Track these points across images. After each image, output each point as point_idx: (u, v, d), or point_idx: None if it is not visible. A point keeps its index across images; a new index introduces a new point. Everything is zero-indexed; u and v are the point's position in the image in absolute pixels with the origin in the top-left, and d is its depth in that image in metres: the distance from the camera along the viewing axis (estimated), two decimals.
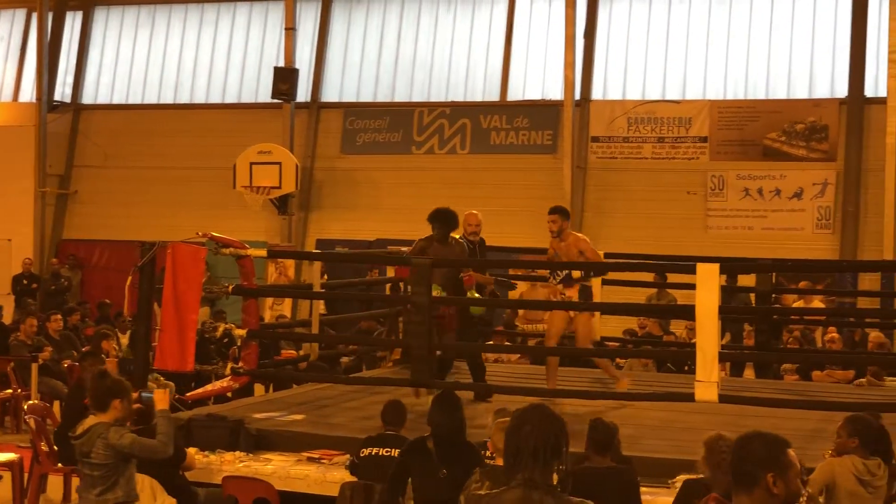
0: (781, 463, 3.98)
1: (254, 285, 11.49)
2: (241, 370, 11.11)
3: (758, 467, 3.97)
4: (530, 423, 4.25)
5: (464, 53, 22.85)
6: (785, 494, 3.95)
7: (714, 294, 9.54)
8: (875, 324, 15.57)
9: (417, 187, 21.92)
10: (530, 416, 4.28)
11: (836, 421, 7.58)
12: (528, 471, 4.17)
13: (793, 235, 19.94)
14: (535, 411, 4.32)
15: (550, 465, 4.18)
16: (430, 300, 10.68)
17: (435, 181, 21.83)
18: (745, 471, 4.01)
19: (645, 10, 21.72)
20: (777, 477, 3.95)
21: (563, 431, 4.28)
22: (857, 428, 7.31)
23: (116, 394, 7.39)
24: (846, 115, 19.95)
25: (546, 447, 4.18)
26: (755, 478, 3.97)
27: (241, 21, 24.52)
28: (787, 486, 3.95)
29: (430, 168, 22.21)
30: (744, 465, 4.03)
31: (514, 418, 4.33)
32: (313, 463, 9.09)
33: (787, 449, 4.05)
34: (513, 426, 4.29)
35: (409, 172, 22.30)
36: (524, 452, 4.18)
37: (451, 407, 7.53)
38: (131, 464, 7.45)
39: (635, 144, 21.23)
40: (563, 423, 4.31)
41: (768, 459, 3.98)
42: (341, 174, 22.96)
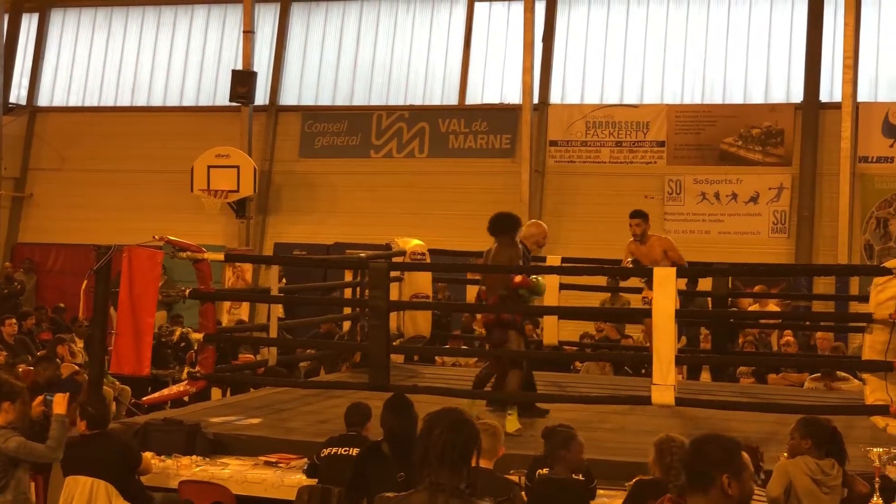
0: (736, 464, 4.02)
1: (211, 289, 11.44)
2: (197, 374, 11.06)
3: (713, 468, 4.01)
4: (440, 426, 4.31)
5: (422, 57, 22.85)
6: (739, 495, 3.99)
7: (670, 298, 9.60)
8: (829, 327, 15.72)
9: (376, 191, 21.92)
10: (440, 420, 4.34)
11: (791, 423, 7.64)
12: (434, 474, 4.22)
13: (749, 239, 20.08)
14: (445, 415, 4.39)
15: (458, 468, 4.25)
16: (388, 304, 10.68)
17: (393, 185, 21.84)
18: (701, 472, 4.04)
19: (603, 14, 21.82)
20: (732, 478, 3.99)
21: (475, 436, 4.35)
22: (810, 430, 7.38)
23: (6, 396, 7.32)
24: (801, 120, 20.11)
25: (454, 450, 4.25)
26: (710, 479, 4.00)
27: (199, 23, 24.40)
28: (741, 487, 4.00)
29: (389, 172, 22.20)
30: (699, 466, 4.06)
31: (424, 421, 4.40)
32: (270, 467, 9.07)
33: (742, 451, 4.09)
34: (423, 429, 4.36)
35: (368, 176, 22.27)
36: (431, 455, 4.24)
37: (403, 408, 7.52)
38: (20, 468, 7.37)
39: (593, 148, 21.31)
40: (474, 427, 4.38)
41: (723, 461, 4.02)
42: (299, 177, 22.90)
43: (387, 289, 10.61)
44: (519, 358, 10.80)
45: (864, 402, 9.56)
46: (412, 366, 14.43)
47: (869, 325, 9.46)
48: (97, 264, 10.28)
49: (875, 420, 9.25)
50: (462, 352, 15.94)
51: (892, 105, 19.79)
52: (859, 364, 10.22)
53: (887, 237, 19.54)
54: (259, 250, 22.51)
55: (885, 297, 9.23)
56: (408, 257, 13.93)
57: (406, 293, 13.88)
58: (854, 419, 9.85)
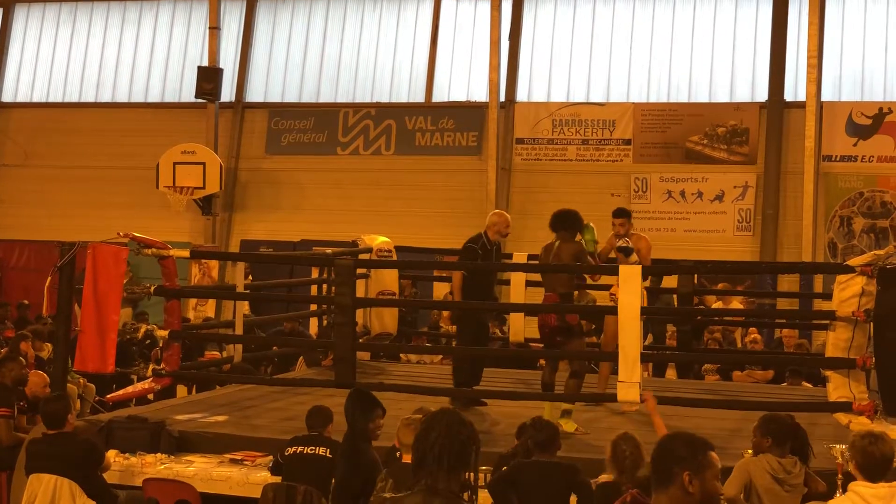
0: (699, 463, 4.01)
1: (176, 286, 11.39)
2: (162, 372, 11.01)
3: (675, 465, 4.01)
4: (437, 429, 4.26)
5: (389, 54, 22.83)
6: (700, 494, 3.99)
7: (636, 295, 9.63)
8: (794, 325, 15.82)
9: (342, 188, 21.89)
10: (438, 422, 4.29)
11: (755, 420, 7.69)
12: (431, 477, 4.18)
13: (714, 237, 20.19)
14: (443, 417, 4.33)
15: (456, 472, 4.20)
16: (354, 301, 10.67)
17: (360, 182, 21.82)
18: (663, 468, 4.05)
19: (569, 13, 21.87)
20: (693, 476, 3.98)
21: (472, 438, 4.30)
22: (769, 427, 7.42)
23: None
24: (766, 119, 20.23)
25: (451, 454, 4.20)
26: (672, 475, 4.01)
27: (165, 19, 24.27)
28: (702, 485, 3.99)
29: (355, 169, 22.17)
30: (663, 462, 4.07)
31: (422, 423, 4.34)
32: (236, 465, 9.05)
33: (709, 451, 4.08)
34: (421, 431, 4.30)
35: (334, 173, 22.24)
36: (428, 458, 4.18)
37: (365, 403, 7.58)
38: None
39: (560, 146, 21.36)
40: (472, 429, 4.32)
41: (686, 458, 4.02)
42: (266, 174, 22.84)
43: (353, 286, 10.60)
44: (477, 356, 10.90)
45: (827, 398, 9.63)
46: (379, 363, 14.42)
47: (832, 322, 9.52)
48: (61, 261, 10.21)
49: (838, 417, 9.31)
50: (429, 349, 15.95)
51: (856, 104, 19.95)
52: (823, 361, 10.28)
53: (851, 235, 19.70)
54: (225, 247, 22.43)
55: (847, 294, 9.29)
56: (374, 254, 13.92)
57: (372, 290, 13.88)
58: (818, 416, 9.92)
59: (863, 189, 19.73)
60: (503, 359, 14.05)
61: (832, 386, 9.50)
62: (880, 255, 9.46)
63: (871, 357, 9.18)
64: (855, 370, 9.31)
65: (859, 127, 19.82)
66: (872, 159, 19.74)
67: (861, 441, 6.25)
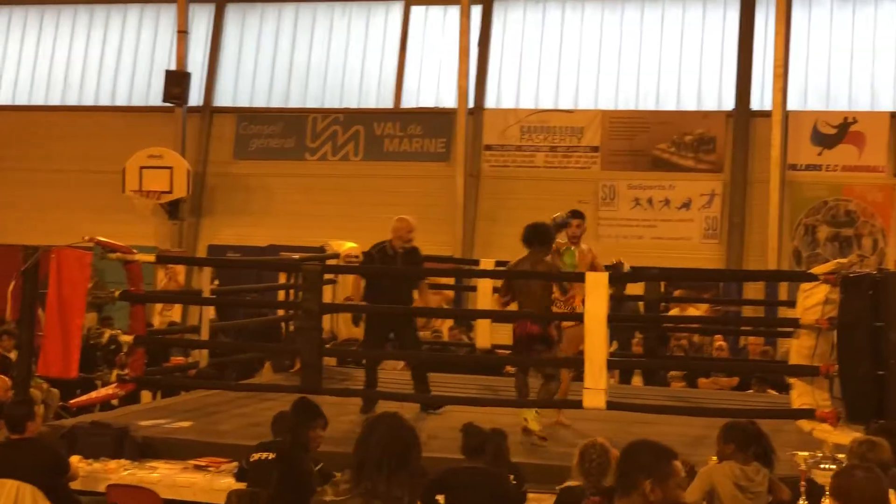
0: (662, 471, 4.04)
1: (141, 291, 11.34)
2: (126, 377, 10.95)
3: (638, 472, 4.04)
4: (377, 432, 4.24)
5: (358, 60, 22.81)
6: (662, 502, 4.01)
7: (602, 302, 9.66)
8: (759, 332, 15.91)
9: (310, 193, 21.84)
10: (378, 426, 4.28)
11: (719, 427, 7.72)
12: (370, 481, 4.17)
13: (681, 245, 20.27)
14: (384, 421, 4.32)
15: (396, 476, 4.17)
16: (321, 307, 10.66)
17: (328, 188, 21.77)
18: (627, 474, 4.08)
19: (538, 20, 21.92)
20: (655, 484, 4.01)
21: (413, 441, 4.28)
22: (731, 434, 7.46)
23: None
24: (733, 128, 20.34)
25: (391, 457, 4.18)
26: (634, 482, 4.03)
27: (133, 23, 24.16)
28: (664, 493, 4.01)
29: (323, 174, 22.12)
30: (626, 469, 4.10)
31: (363, 428, 4.32)
32: (200, 471, 9.01)
33: (672, 459, 4.10)
34: (361, 436, 4.28)
35: (302, 179, 22.18)
36: (369, 462, 4.17)
37: (308, 413, 7.58)
38: None
39: (528, 153, 21.40)
40: (413, 432, 4.31)
41: (650, 466, 4.04)
42: (234, 179, 22.77)
43: (320, 291, 10.59)
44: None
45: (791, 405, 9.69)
46: (345, 369, 14.39)
47: (796, 330, 9.59)
48: (25, 265, 10.15)
49: (801, 424, 9.37)
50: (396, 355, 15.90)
51: (821, 114, 20.08)
52: (786, 368, 10.34)
53: (815, 244, 19.82)
54: (192, 252, 22.32)
55: (811, 302, 9.36)
56: (342, 260, 13.90)
57: (340, 296, 13.84)
58: (781, 423, 9.98)
59: (827, 198, 19.86)
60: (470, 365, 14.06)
61: (796, 393, 9.57)
62: (844, 263, 9.55)
63: (835, 365, 9.25)
64: (818, 377, 9.39)
65: (824, 136, 19.96)
66: (837, 168, 19.89)
67: (860, 448, 6.31)
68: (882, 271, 9.43)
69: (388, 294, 11.23)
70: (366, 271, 11.47)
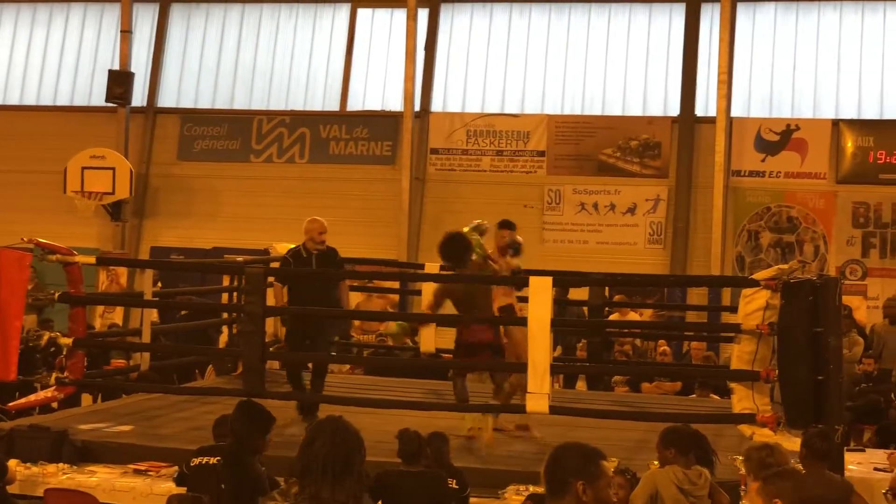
0: (591, 472, 4.07)
1: (81, 293, 11.21)
2: (66, 380, 10.82)
3: (569, 476, 4.05)
4: (322, 437, 4.22)
5: (304, 62, 22.73)
6: (594, 503, 4.04)
7: (546, 307, 9.67)
8: (701, 337, 16.02)
9: (255, 195, 21.72)
10: (323, 431, 4.25)
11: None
12: (315, 486, 4.15)
13: (626, 250, 20.37)
14: (328, 425, 4.30)
15: (341, 481, 4.16)
16: (265, 309, 10.59)
17: (273, 190, 21.67)
18: (557, 478, 4.09)
19: (485, 24, 21.96)
20: (587, 486, 4.03)
21: (358, 446, 4.27)
22: (670, 438, 7.50)
23: None
24: (678, 134, 20.48)
25: (336, 462, 4.16)
26: (566, 485, 4.05)
27: (75, 22, 23.92)
28: (595, 494, 4.04)
29: (269, 177, 22.02)
30: (556, 472, 4.11)
31: (307, 432, 4.30)
32: (140, 475, 8.93)
33: (601, 460, 4.13)
34: (305, 440, 4.26)
35: (248, 180, 22.06)
36: (313, 467, 4.15)
37: (250, 415, 7.48)
38: None
39: (474, 157, 21.42)
40: (358, 437, 4.29)
41: (579, 468, 4.07)
42: (177, 181, 22.59)
43: (263, 294, 10.52)
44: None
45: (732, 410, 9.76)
46: None
47: (737, 335, 9.66)
48: None
49: (742, 429, 9.44)
50: (339, 358, 15.85)
51: (765, 121, 20.28)
52: (728, 373, 10.41)
53: (758, 249, 20.00)
54: (135, 254, 22.13)
55: (752, 308, 9.43)
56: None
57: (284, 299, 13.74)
58: (722, 428, 10.04)
59: (770, 204, 20.05)
60: (414, 369, 14.03)
61: (736, 398, 9.63)
62: (784, 269, 9.63)
63: (775, 370, 9.33)
64: (759, 382, 9.46)
65: (767, 143, 20.15)
66: (780, 175, 20.08)
67: (758, 453, 6.35)
68: (822, 277, 9.51)
69: (308, 298, 11.00)
70: (308, 274, 11.38)
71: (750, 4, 20.73)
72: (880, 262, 19.52)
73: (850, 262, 19.61)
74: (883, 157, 19.67)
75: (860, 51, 20.32)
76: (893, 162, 19.64)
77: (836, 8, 20.55)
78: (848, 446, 10.59)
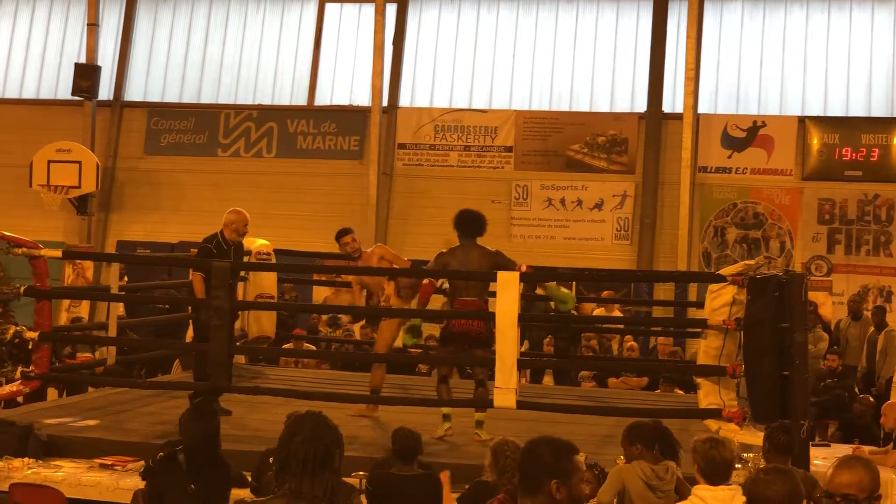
0: (565, 469, 4.04)
1: (47, 287, 11.14)
2: (31, 374, 10.75)
3: (542, 473, 4.03)
4: (301, 432, 4.22)
5: (272, 56, 22.67)
6: (568, 500, 4.02)
7: (514, 302, 9.69)
8: (668, 333, 16.08)
9: (222, 190, 21.62)
10: (302, 425, 4.25)
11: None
12: (295, 481, 4.15)
13: (593, 245, 20.45)
14: (308, 420, 4.29)
15: (320, 476, 4.16)
16: (233, 304, 10.56)
17: (240, 184, 21.59)
18: (530, 475, 4.07)
19: (453, 19, 21.97)
20: (561, 483, 4.01)
21: (337, 440, 4.27)
22: (634, 433, 7.54)
23: None
24: (645, 130, 20.56)
25: (315, 457, 4.16)
26: (539, 483, 4.03)
27: (42, 14, 23.76)
28: (569, 491, 4.02)
29: (236, 171, 21.96)
30: (529, 469, 4.08)
31: (286, 426, 4.30)
32: (106, 470, 8.88)
33: (573, 455, 4.11)
34: (285, 434, 4.25)
35: (215, 175, 21.99)
36: (292, 462, 4.15)
37: (204, 414, 7.36)
38: None
39: (442, 152, 21.43)
40: (337, 431, 4.30)
41: (553, 465, 4.04)
42: (144, 175, 22.49)
43: (230, 289, 10.48)
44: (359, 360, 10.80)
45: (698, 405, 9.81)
46: (256, 367, 14.29)
47: (704, 330, 9.71)
48: None
49: (708, 423, 9.48)
50: (307, 353, 15.85)
51: (731, 117, 20.39)
52: (694, 369, 10.47)
53: (724, 245, 20.12)
54: (101, 248, 22.02)
55: (719, 303, 9.49)
56: (253, 257, 13.78)
57: (251, 293, 13.74)
58: (689, 423, 10.10)
59: (736, 200, 20.17)
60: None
61: (703, 393, 9.69)
62: (751, 265, 9.69)
63: (741, 365, 9.39)
64: (725, 378, 9.52)
65: (734, 139, 20.27)
66: (746, 171, 20.20)
67: (703, 446, 6.39)
68: (788, 273, 9.57)
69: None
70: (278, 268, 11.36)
71: (717, 2, 20.85)
72: (845, 258, 19.68)
73: (815, 258, 19.76)
74: (848, 154, 19.82)
75: (826, 48, 20.47)
76: (858, 159, 19.79)
77: (803, 5, 20.69)
78: (813, 441, 10.66)
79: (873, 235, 19.63)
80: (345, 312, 16.86)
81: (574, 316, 12.70)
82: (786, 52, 20.61)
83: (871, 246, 19.62)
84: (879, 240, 19.62)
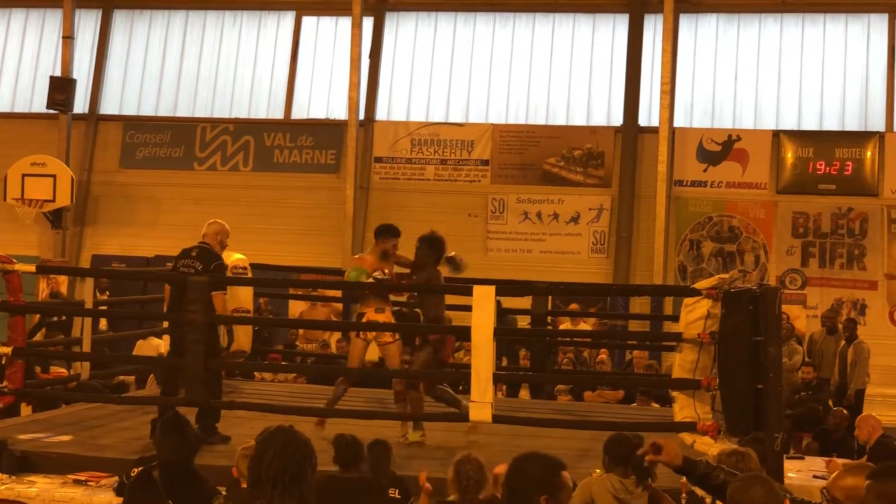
0: (554, 485, 4.07)
1: (21, 301, 11.08)
2: (5, 389, 10.69)
3: (532, 488, 4.05)
4: (272, 448, 4.21)
5: (249, 69, 22.65)
6: None
7: (490, 316, 9.68)
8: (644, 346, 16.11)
9: (199, 203, 21.56)
10: (273, 441, 4.24)
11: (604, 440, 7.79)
12: (266, 498, 4.14)
13: (569, 259, 20.47)
14: (279, 436, 4.28)
15: (291, 492, 4.16)
16: (209, 318, 10.53)
17: (217, 198, 21.53)
18: (518, 491, 4.08)
19: (430, 33, 22.00)
20: (550, 499, 4.03)
21: (308, 456, 4.26)
22: (606, 446, 7.54)
23: None
24: (621, 143, 20.63)
25: (286, 473, 4.16)
26: (529, 498, 4.04)
27: (17, 27, 23.67)
28: None
29: (212, 185, 21.90)
30: (517, 486, 4.10)
31: (258, 443, 4.29)
32: (80, 485, 8.83)
33: (562, 471, 4.13)
34: (257, 452, 4.25)
35: (191, 188, 21.93)
36: (264, 478, 4.14)
37: (177, 429, 7.29)
38: None
39: (418, 166, 21.44)
40: (308, 445, 4.29)
41: (542, 481, 4.06)
42: (120, 188, 22.41)
43: (206, 303, 10.45)
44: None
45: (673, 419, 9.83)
46: (232, 381, 14.21)
47: (679, 344, 9.73)
48: None
49: (683, 437, 9.50)
50: (283, 367, 15.81)
51: (706, 131, 20.48)
52: (669, 382, 10.48)
53: (700, 259, 20.18)
54: (76, 262, 21.92)
55: (694, 317, 9.51)
56: (229, 271, 13.72)
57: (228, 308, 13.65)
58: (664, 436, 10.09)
59: (712, 214, 20.25)
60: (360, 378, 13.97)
61: (678, 406, 9.70)
62: (725, 278, 9.73)
63: (716, 378, 9.41)
64: (700, 391, 9.53)
65: (709, 153, 20.36)
66: (721, 185, 20.28)
67: (728, 459, 6.40)
68: (762, 286, 9.60)
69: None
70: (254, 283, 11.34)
71: (692, 16, 20.95)
72: (819, 271, 19.77)
73: (789, 271, 19.84)
74: (822, 168, 19.93)
75: (800, 63, 20.59)
76: (833, 172, 19.90)
77: (777, 20, 20.81)
78: (787, 454, 10.69)
79: (847, 249, 19.73)
80: (320, 328, 16.86)
81: (549, 330, 12.73)
82: (760, 66, 20.72)
83: (845, 259, 19.72)
84: (853, 253, 19.72)
